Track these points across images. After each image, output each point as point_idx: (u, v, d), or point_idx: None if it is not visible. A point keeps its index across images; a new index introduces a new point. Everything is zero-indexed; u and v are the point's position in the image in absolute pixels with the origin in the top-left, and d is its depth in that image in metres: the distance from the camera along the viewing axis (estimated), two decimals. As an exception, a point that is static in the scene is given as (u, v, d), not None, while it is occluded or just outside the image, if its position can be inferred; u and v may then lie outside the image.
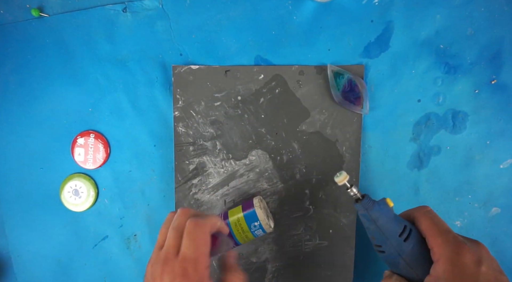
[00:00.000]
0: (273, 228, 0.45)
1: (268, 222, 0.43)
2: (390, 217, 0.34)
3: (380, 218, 0.34)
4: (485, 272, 0.30)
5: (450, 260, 0.31)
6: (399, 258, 0.33)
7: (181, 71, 0.47)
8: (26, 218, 0.49)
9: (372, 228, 0.35)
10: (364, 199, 0.36)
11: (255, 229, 0.43)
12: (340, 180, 0.37)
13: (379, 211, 0.35)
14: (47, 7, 0.47)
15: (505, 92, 0.46)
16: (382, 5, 0.46)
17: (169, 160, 0.48)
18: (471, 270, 0.31)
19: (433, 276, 0.32)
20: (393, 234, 0.34)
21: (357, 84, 0.45)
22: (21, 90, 0.48)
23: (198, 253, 0.31)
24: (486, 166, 0.47)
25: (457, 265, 0.31)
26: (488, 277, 0.30)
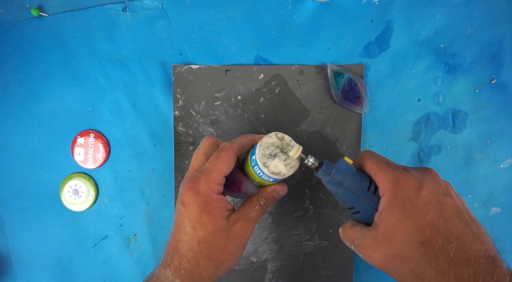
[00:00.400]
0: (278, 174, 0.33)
1: (267, 161, 0.33)
2: (353, 175, 0.33)
3: (344, 178, 0.32)
4: (426, 195, 0.29)
5: (390, 190, 0.30)
6: (375, 211, 0.32)
7: (181, 71, 0.47)
8: (26, 218, 0.49)
9: (340, 192, 0.33)
10: (324, 165, 0.33)
11: (253, 164, 0.34)
12: (294, 154, 0.33)
13: (342, 171, 0.33)
14: (47, 7, 0.47)
15: (505, 91, 0.46)
16: (382, 4, 0.46)
17: (169, 160, 0.48)
18: (410, 196, 0.29)
19: (379, 212, 0.31)
20: (363, 190, 0.32)
21: (357, 84, 0.45)
22: (21, 90, 0.48)
23: (215, 168, 0.33)
24: (486, 166, 0.47)
25: (397, 193, 0.30)
26: (428, 200, 0.29)
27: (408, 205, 0.29)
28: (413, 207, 0.29)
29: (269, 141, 0.33)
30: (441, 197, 0.29)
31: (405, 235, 0.29)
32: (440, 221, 0.28)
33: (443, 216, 0.28)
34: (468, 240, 0.28)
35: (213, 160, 0.34)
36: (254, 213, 0.35)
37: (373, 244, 0.31)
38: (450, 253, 0.27)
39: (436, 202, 0.29)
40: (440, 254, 0.27)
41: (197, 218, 0.32)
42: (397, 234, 0.29)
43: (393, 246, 0.29)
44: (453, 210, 0.29)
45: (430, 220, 0.28)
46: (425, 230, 0.28)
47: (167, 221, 0.49)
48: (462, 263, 0.27)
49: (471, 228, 0.28)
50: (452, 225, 0.28)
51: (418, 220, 0.29)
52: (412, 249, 0.28)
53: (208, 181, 0.33)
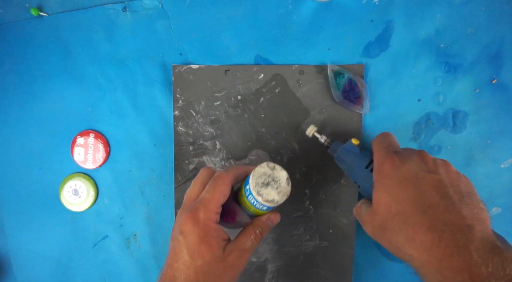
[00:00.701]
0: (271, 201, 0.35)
1: (260, 190, 0.34)
2: (356, 154, 0.39)
3: (347, 156, 0.39)
4: (404, 172, 0.32)
5: (377, 169, 0.34)
6: (371, 188, 0.35)
7: (181, 71, 0.47)
8: (26, 218, 0.49)
9: (344, 167, 0.40)
10: (333, 144, 0.41)
11: (247, 194, 0.35)
12: (310, 131, 0.42)
13: (346, 150, 0.40)
14: (46, 6, 0.47)
15: (506, 91, 0.46)
16: (382, 4, 0.46)
17: (169, 160, 0.48)
18: (390, 173, 0.32)
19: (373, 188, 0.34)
20: (361, 167, 0.38)
21: (357, 84, 0.45)
22: (21, 90, 0.48)
23: (213, 197, 0.34)
24: (487, 166, 0.47)
25: (380, 171, 0.33)
26: (406, 176, 0.31)
27: (388, 181, 0.32)
28: (392, 183, 0.32)
29: (261, 170, 0.35)
30: (421, 173, 0.31)
31: (384, 208, 0.32)
32: (415, 193, 0.30)
33: (419, 189, 0.31)
34: (439, 210, 0.29)
35: (210, 189, 0.35)
36: (249, 243, 0.35)
37: (367, 218, 0.35)
38: (419, 221, 0.29)
39: (414, 177, 0.31)
40: (409, 222, 0.30)
41: (196, 248, 0.33)
42: (380, 207, 0.32)
43: (377, 218, 0.33)
44: (432, 183, 0.30)
45: (405, 193, 0.31)
46: (401, 202, 0.31)
47: (167, 221, 0.49)
48: (428, 229, 0.28)
49: (450, 199, 0.29)
50: (426, 196, 0.30)
51: (395, 194, 0.31)
52: (389, 219, 0.31)
53: (207, 210, 0.33)
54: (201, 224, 0.33)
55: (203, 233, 0.33)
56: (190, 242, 0.33)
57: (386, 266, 0.49)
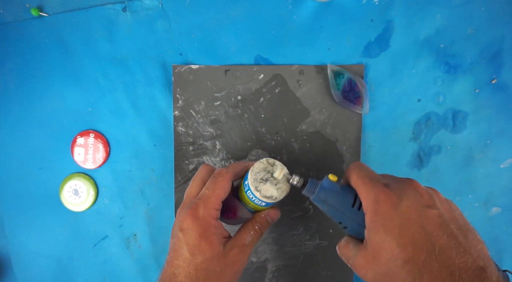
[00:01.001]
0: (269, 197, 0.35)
1: (258, 185, 0.34)
2: (337, 192, 0.34)
3: (328, 196, 0.33)
4: (405, 211, 0.29)
5: (371, 208, 0.30)
6: (361, 227, 0.32)
7: (181, 71, 0.47)
8: (26, 218, 0.49)
9: (326, 209, 0.34)
10: (308, 183, 0.34)
11: (246, 189, 0.36)
12: (278, 174, 0.35)
13: (325, 189, 0.34)
14: (46, 7, 0.47)
15: (506, 91, 0.46)
16: (382, 4, 0.46)
17: (169, 160, 0.48)
18: (390, 214, 0.29)
19: (366, 229, 0.31)
20: (347, 207, 0.33)
21: (357, 84, 0.45)
22: (21, 90, 0.48)
23: (213, 193, 0.34)
24: (487, 166, 0.47)
25: (377, 212, 0.30)
26: (408, 216, 0.29)
27: (388, 223, 0.29)
28: (393, 225, 0.29)
29: (261, 166, 0.35)
30: (422, 210, 0.29)
31: (389, 254, 0.28)
32: (422, 236, 0.28)
33: (425, 230, 0.28)
34: (452, 253, 0.27)
35: (210, 186, 0.34)
36: (249, 239, 0.35)
37: (364, 264, 0.31)
38: (434, 269, 0.27)
39: (416, 215, 0.29)
40: (424, 271, 0.27)
41: (196, 244, 0.32)
42: (383, 253, 0.29)
43: (381, 265, 0.29)
44: (435, 221, 0.28)
45: (412, 236, 0.28)
46: (408, 247, 0.28)
47: (167, 221, 0.49)
48: (446, 279, 0.26)
49: (456, 239, 0.28)
50: (434, 238, 0.28)
51: (400, 237, 0.28)
52: (397, 267, 0.28)
53: (207, 206, 0.33)
54: (201, 220, 0.33)
55: (203, 229, 0.33)
56: (190, 238, 0.33)
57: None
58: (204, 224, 0.33)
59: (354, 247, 0.32)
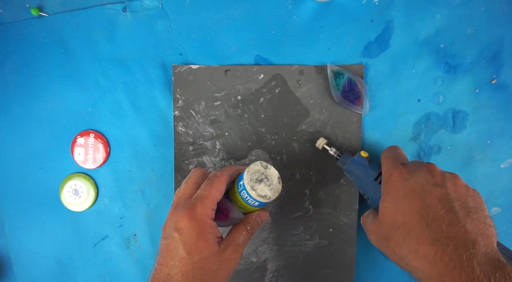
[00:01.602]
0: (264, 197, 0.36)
1: (254, 185, 0.36)
2: (365, 166, 0.40)
3: (356, 168, 0.41)
4: (411, 185, 0.32)
5: (385, 181, 0.35)
6: (379, 199, 0.36)
7: (181, 71, 0.47)
8: (26, 218, 0.49)
9: (354, 179, 0.41)
10: (342, 156, 0.42)
11: (241, 189, 0.37)
12: (319, 144, 0.44)
13: (355, 162, 0.41)
14: (46, 7, 0.47)
15: (506, 91, 0.46)
16: (382, 4, 0.46)
17: (169, 160, 0.48)
18: (397, 186, 0.33)
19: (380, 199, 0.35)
20: (370, 180, 0.39)
21: (357, 84, 0.45)
22: (21, 90, 0.48)
23: (209, 194, 0.34)
24: (486, 166, 0.47)
25: (388, 183, 0.34)
26: (413, 189, 0.32)
27: (394, 193, 0.33)
28: (398, 195, 0.33)
29: (256, 168, 0.37)
30: (428, 187, 0.32)
31: (390, 218, 0.33)
32: (421, 206, 0.31)
33: (424, 202, 0.31)
34: (443, 223, 0.29)
35: (207, 187, 0.35)
36: (242, 238, 0.36)
37: (373, 228, 0.36)
38: (423, 233, 0.30)
39: (421, 190, 0.32)
40: (413, 234, 0.30)
41: (193, 243, 0.33)
42: (385, 218, 0.33)
43: (382, 228, 0.33)
44: (438, 197, 0.31)
45: (411, 205, 0.32)
46: (406, 214, 0.31)
47: (167, 221, 0.49)
48: (432, 243, 0.29)
49: (455, 214, 0.30)
50: (431, 210, 0.30)
51: (401, 206, 0.32)
52: (393, 230, 0.32)
53: (204, 206, 0.34)
54: (199, 220, 0.33)
55: (200, 228, 0.33)
56: (187, 238, 0.33)
57: (386, 265, 0.49)
58: (202, 223, 0.33)
59: (372, 216, 0.37)
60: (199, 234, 0.33)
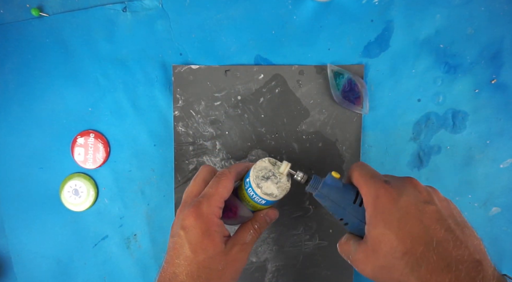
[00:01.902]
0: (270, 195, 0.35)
1: (260, 182, 0.35)
2: (339, 188, 0.35)
3: (331, 192, 0.34)
4: (404, 205, 0.30)
5: (371, 204, 0.31)
6: (362, 223, 0.33)
7: (181, 71, 0.47)
8: (26, 218, 0.49)
9: (328, 205, 0.35)
10: (312, 180, 0.35)
11: (247, 186, 0.36)
12: (283, 169, 0.36)
13: (328, 186, 0.35)
14: (46, 7, 0.47)
15: (505, 91, 0.46)
16: (382, 4, 0.46)
17: (169, 160, 0.48)
18: (389, 208, 0.30)
19: (366, 225, 0.31)
20: (349, 203, 0.34)
21: (357, 84, 0.45)
22: (21, 90, 0.48)
23: (216, 192, 0.34)
24: (486, 166, 0.47)
25: (377, 206, 0.31)
26: (407, 210, 0.29)
27: (388, 217, 0.30)
28: (392, 219, 0.29)
29: (263, 164, 0.36)
30: (421, 205, 0.30)
31: (388, 246, 0.29)
32: (420, 229, 0.29)
33: (423, 223, 0.29)
34: (449, 246, 0.28)
35: (214, 185, 0.35)
36: (249, 237, 0.35)
37: (363, 258, 0.31)
38: (431, 260, 0.27)
39: (415, 210, 0.29)
40: (422, 262, 0.28)
41: (198, 242, 0.32)
42: (382, 246, 0.30)
43: (379, 257, 0.30)
44: (433, 216, 0.29)
45: (410, 229, 0.29)
46: (406, 240, 0.29)
47: (167, 221, 0.49)
48: (443, 270, 0.27)
49: (454, 233, 0.28)
50: (432, 232, 0.28)
51: (398, 230, 0.29)
52: (395, 259, 0.29)
53: (210, 204, 0.33)
54: (204, 218, 0.32)
55: (206, 227, 0.32)
56: (193, 236, 0.32)
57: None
58: (208, 221, 0.33)
59: (354, 243, 0.33)
60: (204, 233, 0.32)
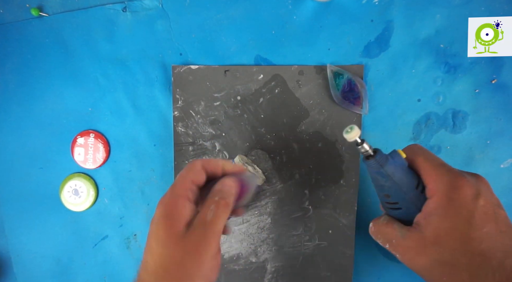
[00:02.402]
0: None
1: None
2: (405, 170, 0.31)
3: (396, 172, 0.31)
4: (483, 205, 0.28)
5: (446, 194, 0.29)
6: (416, 211, 0.30)
7: (181, 71, 0.47)
8: (26, 218, 0.49)
9: (387, 185, 0.31)
10: (377, 154, 0.31)
11: None
12: (351, 136, 0.31)
13: (395, 164, 0.31)
14: (46, 7, 0.47)
15: (506, 91, 0.46)
16: (382, 4, 0.46)
17: (168, 160, 0.48)
18: (467, 203, 0.28)
19: (425, 213, 0.29)
20: (411, 187, 0.31)
21: (356, 85, 0.45)
22: (21, 90, 0.48)
23: (181, 175, 0.31)
24: (486, 166, 0.47)
25: (454, 198, 0.28)
26: (486, 211, 0.28)
27: (464, 213, 0.28)
28: (470, 216, 0.28)
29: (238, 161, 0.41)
30: (496, 208, 0.28)
31: (458, 243, 0.27)
32: (497, 233, 0.27)
33: (499, 228, 0.28)
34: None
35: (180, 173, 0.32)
36: (210, 214, 0.29)
37: (417, 247, 0.29)
38: (508, 268, 0.26)
39: (492, 213, 0.28)
40: (497, 268, 0.26)
41: (154, 229, 0.28)
42: (450, 241, 0.28)
43: (444, 252, 0.28)
44: (506, 222, 0.28)
45: (487, 231, 0.27)
46: (482, 242, 0.27)
47: (167, 221, 0.49)
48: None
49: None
50: (507, 239, 0.27)
51: (474, 229, 0.27)
52: (466, 258, 0.27)
53: (174, 188, 0.30)
54: (165, 203, 0.29)
55: (164, 211, 0.29)
56: (152, 224, 0.29)
57: (386, 266, 0.49)
58: (168, 205, 0.29)
59: (400, 227, 0.31)
60: (162, 216, 0.28)
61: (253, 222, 0.48)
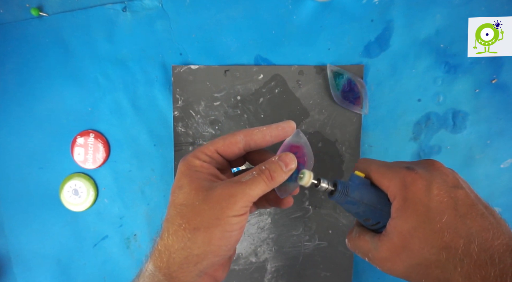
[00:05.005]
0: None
1: None
2: (370, 188, 0.30)
3: (363, 194, 0.30)
4: (437, 194, 0.27)
5: (400, 195, 0.28)
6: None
7: (181, 71, 0.47)
8: (26, 218, 0.49)
9: (362, 210, 0.30)
10: (338, 186, 0.30)
11: None
12: (306, 181, 0.29)
13: (358, 188, 0.30)
14: (46, 7, 0.47)
15: (506, 91, 0.46)
16: (382, 4, 0.46)
17: (168, 160, 0.48)
18: (421, 198, 0.27)
19: (390, 219, 0.28)
20: (384, 202, 0.30)
21: (356, 84, 0.45)
22: (21, 90, 0.48)
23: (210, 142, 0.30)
24: (487, 166, 0.47)
25: (408, 197, 0.27)
26: (440, 199, 0.27)
27: (421, 208, 0.27)
28: (427, 210, 0.27)
29: None
30: (452, 191, 0.27)
31: (424, 242, 0.27)
32: (457, 219, 0.26)
33: (459, 213, 0.26)
34: (489, 235, 0.26)
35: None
36: (248, 177, 0.28)
37: (390, 256, 0.28)
38: (473, 254, 0.25)
39: (448, 198, 0.27)
40: (464, 257, 0.25)
41: (176, 183, 0.29)
42: (416, 241, 0.27)
43: (413, 255, 0.27)
44: (466, 202, 0.27)
45: (446, 221, 0.26)
46: (444, 233, 0.26)
47: (167, 221, 0.49)
48: (487, 262, 0.25)
49: (488, 219, 0.26)
50: (469, 221, 0.26)
51: (434, 223, 0.26)
52: (434, 255, 0.26)
53: (197, 151, 0.30)
54: (186, 162, 0.29)
55: (185, 168, 0.29)
56: (175, 181, 0.29)
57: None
58: (188, 163, 0.29)
59: (371, 238, 0.30)
60: (183, 172, 0.29)
61: (253, 222, 0.48)
